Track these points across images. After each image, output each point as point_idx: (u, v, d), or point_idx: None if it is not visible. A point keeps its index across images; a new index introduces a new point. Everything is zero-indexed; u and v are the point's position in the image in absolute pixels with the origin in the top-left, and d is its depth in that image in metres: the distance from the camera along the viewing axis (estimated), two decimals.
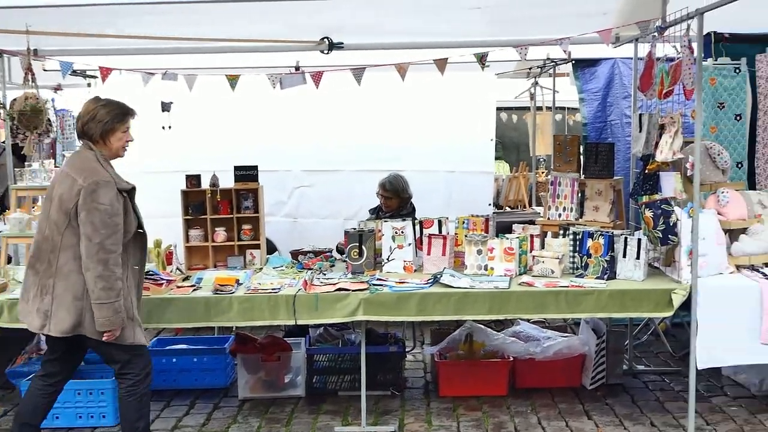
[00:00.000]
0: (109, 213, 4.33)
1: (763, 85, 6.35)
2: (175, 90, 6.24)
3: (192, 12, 5.67)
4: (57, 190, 4.43)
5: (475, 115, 7.70)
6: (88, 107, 4.55)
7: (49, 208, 4.45)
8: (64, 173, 4.46)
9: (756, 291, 5.14)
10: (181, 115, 6.27)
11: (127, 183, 4.51)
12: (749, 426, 5.37)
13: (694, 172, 5.06)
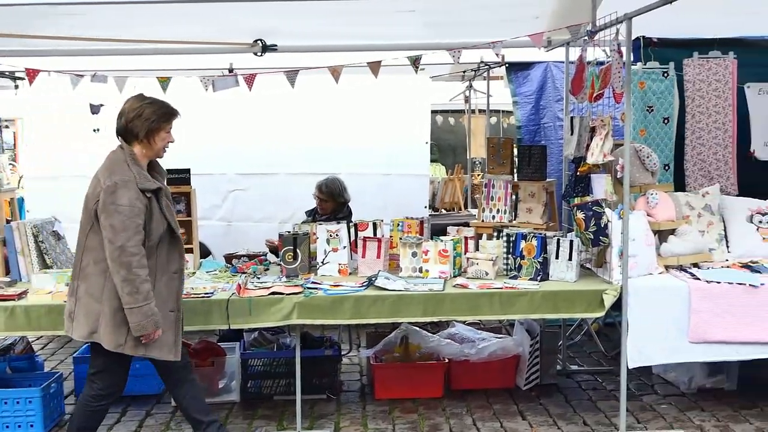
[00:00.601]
0: (129, 214, 4.19)
1: (691, 88, 6.47)
2: (105, 92, 6.12)
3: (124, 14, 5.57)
4: (87, 191, 4.35)
5: (410, 118, 7.74)
6: (133, 104, 4.46)
7: (83, 210, 4.38)
8: (96, 173, 4.38)
9: (684, 291, 5.23)
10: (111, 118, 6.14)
11: (154, 182, 4.37)
12: (678, 423, 5.47)
13: (624, 174, 5.13)
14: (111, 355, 4.35)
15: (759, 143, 6.70)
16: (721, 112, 6.47)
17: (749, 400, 5.85)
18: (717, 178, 6.47)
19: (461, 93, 9.32)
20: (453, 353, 6.12)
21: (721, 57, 6.47)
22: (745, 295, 5.22)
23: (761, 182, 6.58)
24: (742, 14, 6.03)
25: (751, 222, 6.04)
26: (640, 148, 5.68)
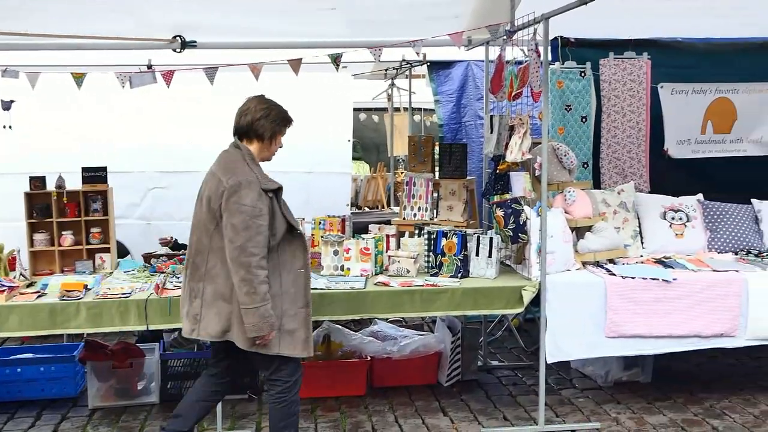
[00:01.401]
0: (252, 214, 4.12)
1: (607, 88, 6.62)
2: (16, 88, 5.95)
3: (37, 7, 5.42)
4: (205, 191, 4.29)
5: (332, 116, 7.71)
6: (260, 104, 4.50)
7: (199, 210, 4.32)
8: (211, 173, 4.32)
9: (601, 286, 5.35)
10: (24, 115, 6.00)
11: (274, 182, 4.32)
12: (595, 416, 5.58)
13: (542, 172, 5.21)
14: (240, 353, 4.35)
15: (672, 142, 6.89)
16: (636, 112, 6.64)
17: (663, 392, 6.01)
18: (631, 176, 6.63)
19: (384, 91, 9.35)
20: (375, 351, 6.13)
21: (636, 57, 6.64)
22: (658, 290, 5.36)
23: (674, 180, 6.79)
24: (655, 16, 6.18)
25: (664, 219, 6.21)
26: (557, 147, 5.77)
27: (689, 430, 5.33)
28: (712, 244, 6.19)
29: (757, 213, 6.42)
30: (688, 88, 6.84)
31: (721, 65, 6.86)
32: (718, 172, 6.94)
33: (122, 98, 6.56)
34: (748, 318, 5.42)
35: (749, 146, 7.00)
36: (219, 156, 4.43)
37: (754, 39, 6.87)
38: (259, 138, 4.42)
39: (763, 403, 5.79)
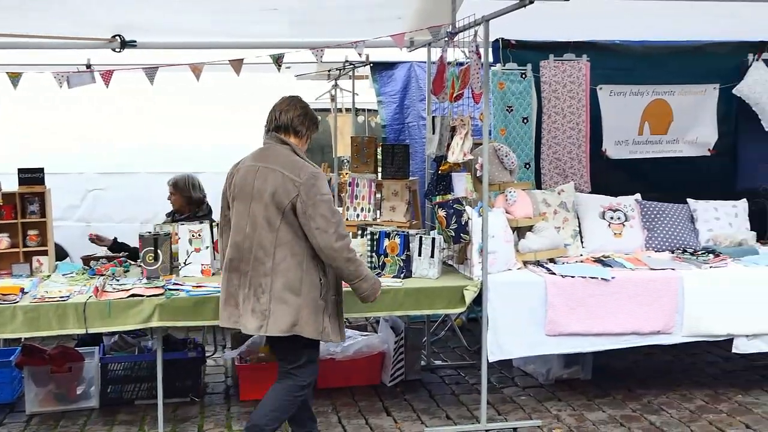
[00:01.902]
0: (330, 202, 4.38)
1: (547, 89, 6.70)
2: None
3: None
4: (260, 186, 4.33)
5: None
6: (299, 102, 4.65)
7: (249, 206, 4.35)
8: (267, 169, 4.36)
9: (541, 286, 5.42)
10: None
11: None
12: (537, 414, 5.65)
13: (483, 172, 5.26)
14: (310, 345, 4.49)
15: (610, 143, 7.01)
16: (575, 113, 6.73)
17: (602, 389, 6.11)
18: (571, 177, 6.72)
19: (327, 92, 9.31)
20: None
21: (575, 59, 6.74)
22: (597, 288, 5.45)
23: (613, 180, 6.91)
24: (593, 18, 6.27)
25: (603, 218, 6.31)
26: (498, 147, 5.83)
27: (628, 426, 5.42)
28: (650, 243, 6.32)
29: (693, 212, 6.57)
30: (625, 89, 6.96)
31: (658, 67, 6.99)
32: (655, 173, 7.08)
33: (61, 99, 6.46)
34: (684, 315, 5.54)
35: (685, 147, 7.15)
36: (262, 151, 4.51)
37: (688, 42, 7.02)
38: (297, 135, 4.55)
39: (698, 398, 5.92)
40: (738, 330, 5.63)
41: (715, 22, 6.48)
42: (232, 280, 4.45)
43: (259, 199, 4.34)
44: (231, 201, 4.54)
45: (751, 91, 6.85)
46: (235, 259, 4.43)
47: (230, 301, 4.48)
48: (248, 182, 4.40)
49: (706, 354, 6.93)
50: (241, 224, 4.42)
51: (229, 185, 4.56)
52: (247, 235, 4.38)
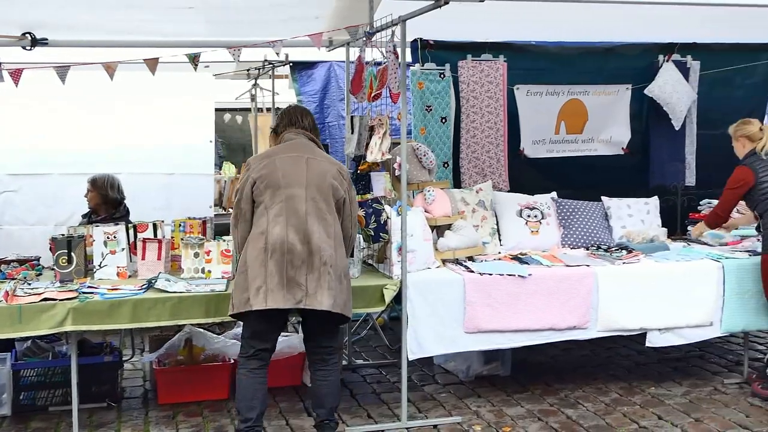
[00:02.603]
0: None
1: (465, 89, 6.76)
2: None
3: None
4: (314, 173, 4.69)
5: (193, 116, 7.61)
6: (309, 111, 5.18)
7: (305, 191, 4.64)
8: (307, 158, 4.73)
9: (460, 283, 5.47)
10: None
11: None
12: (457, 410, 5.70)
13: (402, 172, 5.29)
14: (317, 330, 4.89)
15: (528, 142, 7.11)
16: (493, 112, 6.81)
17: (521, 384, 6.20)
18: (490, 175, 6.80)
19: (247, 91, 9.26)
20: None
21: (493, 60, 6.82)
22: (514, 285, 5.53)
23: (530, 179, 7.02)
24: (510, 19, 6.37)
25: (520, 216, 6.41)
26: (417, 147, 5.87)
27: (545, 420, 5.51)
28: (566, 240, 6.44)
29: (607, 210, 6.73)
30: (542, 89, 7.07)
31: (573, 68, 7.12)
32: (571, 171, 7.21)
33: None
34: (599, 310, 5.67)
35: (599, 146, 7.30)
36: (298, 144, 4.85)
37: (602, 43, 7.17)
38: (316, 136, 5.02)
39: (614, 392, 6.06)
40: (650, 324, 5.78)
41: (627, 24, 6.65)
42: (289, 263, 4.55)
43: (317, 184, 4.68)
44: (271, 190, 4.66)
45: (662, 91, 7.03)
46: (295, 242, 4.57)
47: (289, 283, 4.55)
48: (299, 170, 4.68)
49: (621, 348, 7.09)
50: (297, 208, 4.61)
51: (263, 176, 4.68)
52: (307, 217, 4.61)
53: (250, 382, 4.75)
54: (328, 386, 4.88)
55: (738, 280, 5.89)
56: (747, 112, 7.56)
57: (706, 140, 7.35)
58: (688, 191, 7.27)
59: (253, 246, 4.63)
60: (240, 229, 4.79)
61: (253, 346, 4.76)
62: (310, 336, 4.91)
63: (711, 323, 5.89)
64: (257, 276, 4.56)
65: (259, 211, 4.68)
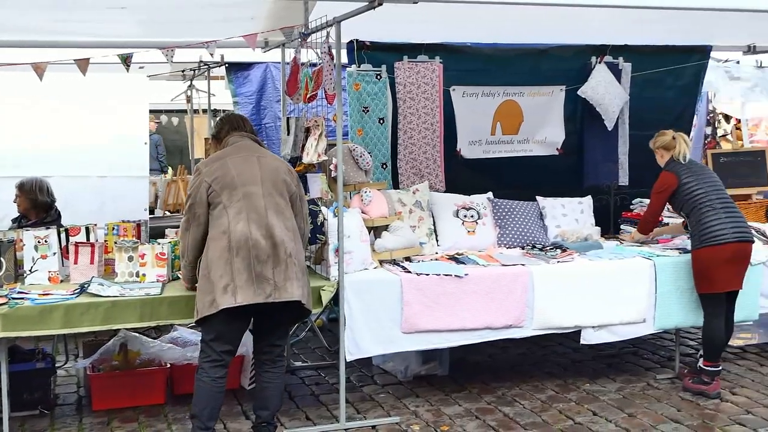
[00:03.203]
0: None
1: (402, 90, 6.79)
2: None
3: None
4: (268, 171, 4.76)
5: (127, 118, 7.49)
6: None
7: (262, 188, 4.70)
8: (258, 157, 4.82)
9: (397, 284, 5.49)
10: None
11: None
12: (395, 410, 5.72)
13: (338, 173, 5.28)
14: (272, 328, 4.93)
15: (464, 143, 7.16)
16: (430, 114, 6.85)
17: (459, 383, 6.24)
18: (427, 176, 6.84)
19: (182, 93, 9.18)
20: (175, 358, 6.00)
21: (429, 61, 6.85)
22: (451, 285, 5.56)
23: (467, 179, 7.07)
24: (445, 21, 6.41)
25: (457, 217, 6.45)
26: (353, 148, 5.87)
27: (483, 419, 5.56)
28: (502, 240, 6.51)
29: (542, 209, 6.81)
30: (478, 90, 7.12)
31: (508, 69, 7.19)
32: (507, 171, 7.27)
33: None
34: (534, 309, 5.74)
35: (534, 146, 7.38)
36: (247, 145, 4.91)
37: (536, 45, 7.25)
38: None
39: (550, 389, 6.13)
40: (584, 322, 5.87)
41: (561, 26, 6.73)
42: (255, 258, 4.57)
43: (272, 180, 4.75)
44: (228, 190, 4.68)
45: (595, 92, 7.15)
46: (258, 238, 4.59)
47: (258, 278, 4.56)
48: (252, 168, 4.75)
49: (557, 345, 7.19)
50: (256, 204, 4.66)
51: (218, 178, 4.69)
52: (267, 212, 4.66)
53: (213, 391, 4.73)
54: (275, 388, 4.91)
55: (669, 277, 6.02)
56: (677, 112, 7.80)
57: (638, 140, 7.46)
58: (621, 190, 7.38)
59: (215, 246, 4.62)
60: (192, 233, 4.76)
61: (215, 350, 4.71)
62: (263, 335, 4.89)
63: (644, 320, 6.01)
64: (223, 275, 4.55)
65: (217, 212, 4.67)
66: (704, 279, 5.88)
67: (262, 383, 4.92)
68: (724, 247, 5.78)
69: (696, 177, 5.96)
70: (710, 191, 5.90)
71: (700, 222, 5.86)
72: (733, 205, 5.94)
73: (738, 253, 5.82)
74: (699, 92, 8.07)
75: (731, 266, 5.82)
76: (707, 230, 5.82)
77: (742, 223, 5.89)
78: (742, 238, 5.82)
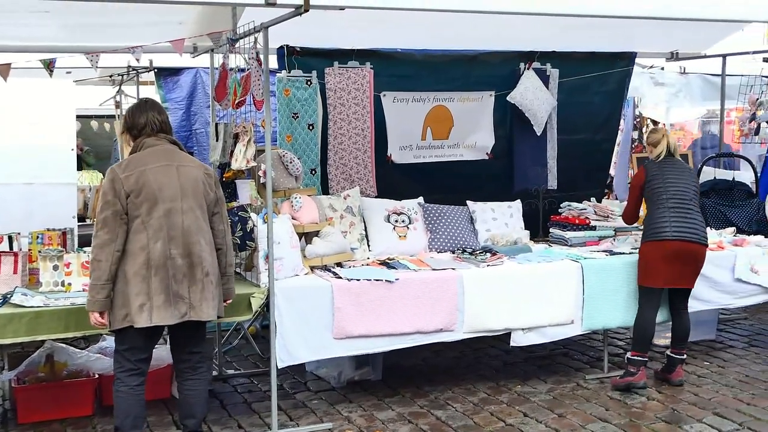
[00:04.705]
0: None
1: (332, 96, 6.78)
2: None
3: None
4: (186, 182, 4.56)
5: (53, 124, 7.35)
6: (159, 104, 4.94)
7: (181, 202, 4.53)
8: (176, 167, 4.59)
9: (328, 290, 5.48)
10: None
11: None
12: (328, 417, 5.72)
13: (267, 179, 5.26)
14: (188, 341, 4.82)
15: (395, 148, 7.18)
16: (360, 119, 6.86)
17: (392, 388, 6.26)
18: (358, 181, 6.85)
19: (111, 98, 9.03)
20: (104, 368, 5.89)
21: (359, 67, 6.85)
22: (382, 290, 5.58)
23: (398, 184, 7.10)
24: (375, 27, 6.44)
25: (388, 222, 6.48)
26: (283, 154, 5.85)
27: (415, 423, 5.59)
28: (433, 245, 6.55)
29: (472, 213, 6.87)
30: (408, 96, 7.14)
31: (438, 75, 7.24)
32: (438, 176, 7.32)
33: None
34: (465, 312, 5.79)
35: (465, 151, 7.44)
36: (163, 151, 4.63)
37: (466, 51, 7.32)
38: (172, 134, 4.84)
39: (481, 391, 6.19)
40: (514, 324, 5.94)
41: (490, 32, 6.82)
42: (172, 278, 4.48)
43: (190, 195, 4.58)
44: (148, 204, 4.50)
45: (523, 97, 7.25)
46: (176, 257, 4.50)
47: (174, 298, 4.49)
48: (172, 181, 4.55)
49: (489, 348, 7.26)
50: (176, 222, 4.52)
51: (136, 190, 4.49)
52: (186, 230, 4.54)
53: (133, 400, 4.66)
54: (198, 395, 4.85)
55: (597, 279, 6.13)
56: (604, 117, 7.96)
57: (566, 145, 7.63)
58: (550, 194, 7.49)
59: (132, 261, 4.48)
60: (115, 246, 4.46)
61: (129, 359, 4.65)
62: (181, 344, 4.83)
63: (572, 321, 6.12)
64: (140, 293, 4.45)
65: (135, 226, 4.49)
66: (643, 272, 6.10)
67: (185, 392, 4.85)
68: (663, 244, 5.96)
69: (663, 176, 6.13)
70: (669, 191, 6.08)
71: (649, 218, 6.12)
72: (689, 207, 6.07)
73: (680, 252, 5.98)
74: (625, 97, 8.24)
75: (673, 264, 5.99)
76: (651, 226, 6.06)
77: (691, 224, 6.02)
78: (684, 238, 5.97)
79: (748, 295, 6.75)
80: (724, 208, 7.55)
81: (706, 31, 7.41)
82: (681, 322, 6.23)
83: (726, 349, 7.27)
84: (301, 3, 4.46)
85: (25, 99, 7.15)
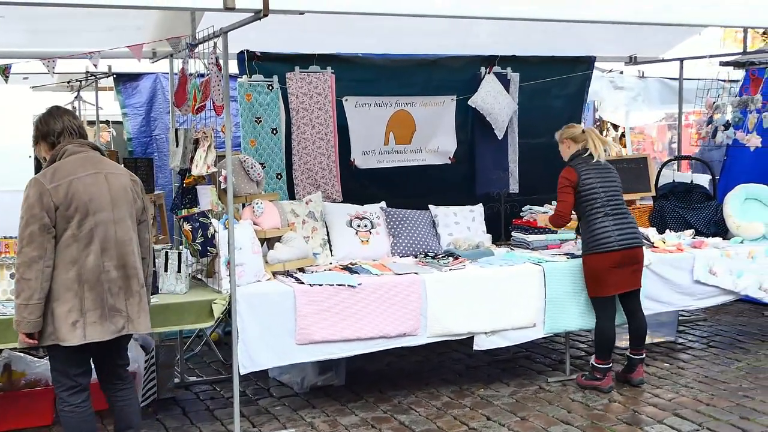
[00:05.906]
0: None
1: (294, 101, 6.77)
2: None
3: None
4: (117, 191, 4.40)
5: (8, 131, 7.26)
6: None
7: (113, 212, 4.37)
8: (106, 175, 4.40)
9: (290, 295, 5.46)
10: None
11: None
12: (291, 423, 5.69)
13: (227, 184, 5.22)
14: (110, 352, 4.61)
15: (358, 153, 7.19)
16: (324, 124, 6.86)
17: (356, 393, 6.25)
18: (323, 186, 6.84)
19: (69, 104, 8.91)
20: None
21: (321, 71, 6.85)
22: (345, 295, 5.57)
23: (362, 189, 7.11)
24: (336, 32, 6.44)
25: (351, 227, 6.47)
26: (244, 159, 5.82)
27: (378, 428, 5.58)
28: (395, 249, 6.55)
29: (434, 217, 6.89)
30: (370, 101, 7.16)
31: (400, 80, 7.27)
32: (401, 181, 7.35)
33: None
34: (428, 316, 5.79)
35: (427, 155, 7.47)
36: (88, 158, 4.41)
37: (427, 55, 7.35)
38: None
39: (445, 395, 6.20)
40: (477, 328, 5.95)
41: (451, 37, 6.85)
42: (108, 292, 4.33)
43: (121, 204, 4.43)
44: (79, 216, 4.25)
45: (484, 102, 7.29)
46: (110, 269, 4.35)
47: (110, 312, 4.33)
48: (102, 191, 4.36)
49: (453, 352, 7.27)
50: (108, 235, 4.35)
51: (66, 203, 4.22)
52: (120, 241, 4.39)
53: (79, 419, 4.45)
54: (133, 404, 4.69)
55: (558, 282, 6.17)
56: (564, 121, 7.87)
57: (527, 149, 7.68)
58: (512, 198, 7.52)
59: (63, 276, 4.26)
60: (45, 261, 4.22)
61: (68, 376, 4.44)
62: (111, 357, 4.63)
63: (534, 325, 6.14)
64: (72, 310, 4.25)
65: (64, 239, 4.26)
66: (593, 283, 6.08)
67: (119, 403, 4.65)
68: (610, 255, 5.97)
69: (598, 178, 6.08)
70: (607, 196, 6.06)
71: (589, 228, 6.04)
72: (624, 210, 6.11)
73: (625, 258, 6.02)
74: (584, 101, 8.33)
75: (620, 271, 6.02)
76: (594, 237, 6.00)
77: (630, 229, 6.07)
78: (627, 245, 6.01)
79: (707, 296, 6.82)
80: (682, 210, 7.64)
81: (663, 35, 7.52)
82: (637, 323, 6.27)
83: (686, 350, 7.36)
84: (260, 8, 4.43)
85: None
